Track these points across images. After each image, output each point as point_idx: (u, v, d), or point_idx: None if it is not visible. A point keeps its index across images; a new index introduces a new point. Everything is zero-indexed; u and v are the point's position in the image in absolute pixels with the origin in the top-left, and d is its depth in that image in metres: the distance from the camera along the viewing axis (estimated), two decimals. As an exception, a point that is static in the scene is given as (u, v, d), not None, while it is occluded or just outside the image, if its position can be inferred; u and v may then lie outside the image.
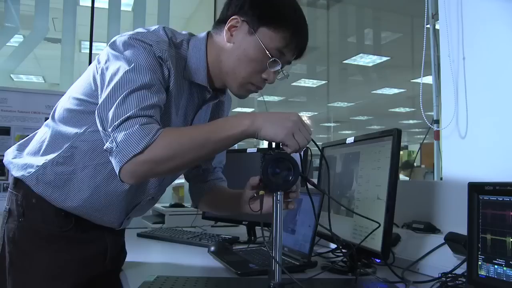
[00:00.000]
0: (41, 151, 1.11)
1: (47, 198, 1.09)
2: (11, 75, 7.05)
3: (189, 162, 0.98)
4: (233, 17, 1.04)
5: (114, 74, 0.96)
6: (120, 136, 0.89)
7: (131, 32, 1.03)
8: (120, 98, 0.92)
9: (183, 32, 1.11)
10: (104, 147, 0.93)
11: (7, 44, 3.34)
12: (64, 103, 1.13)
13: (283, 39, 1.02)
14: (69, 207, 1.10)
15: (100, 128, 0.96)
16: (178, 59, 1.06)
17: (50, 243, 1.11)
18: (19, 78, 8.35)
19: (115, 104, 0.92)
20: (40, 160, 1.10)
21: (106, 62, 1.01)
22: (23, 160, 1.13)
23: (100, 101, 0.97)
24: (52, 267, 1.10)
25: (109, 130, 0.92)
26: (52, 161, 1.08)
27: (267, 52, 1.02)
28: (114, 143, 0.90)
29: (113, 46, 1.01)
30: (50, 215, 1.10)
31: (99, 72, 1.02)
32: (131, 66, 0.95)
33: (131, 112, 0.90)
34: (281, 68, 1.06)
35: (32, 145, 1.16)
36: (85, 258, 1.14)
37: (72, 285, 1.11)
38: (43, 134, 1.14)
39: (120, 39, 1.02)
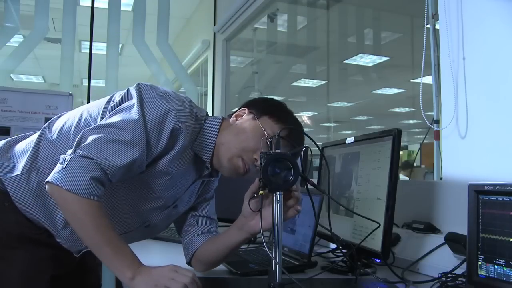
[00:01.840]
0: (31, 157, 1.10)
1: (21, 206, 1.09)
2: (11, 75, 7.05)
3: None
4: (242, 108, 1.18)
5: (121, 111, 1.03)
6: (74, 162, 0.93)
7: (160, 89, 1.08)
8: (106, 136, 0.97)
9: (202, 109, 1.18)
10: (61, 155, 0.97)
11: (7, 44, 3.33)
12: (71, 118, 1.15)
13: (282, 130, 1.08)
14: (43, 221, 1.11)
15: (75, 138, 0.99)
16: (194, 132, 1.11)
17: (23, 244, 1.10)
18: (19, 78, 8.35)
19: (98, 137, 0.96)
20: (26, 165, 1.09)
21: (127, 97, 1.07)
22: (8, 161, 1.12)
23: (98, 122, 1.04)
24: (29, 263, 1.10)
25: (76, 148, 0.95)
26: (38, 169, 1.09)
27: (265, 132, 1.09)
28: (66, 162, 0.93)
29: (138, 88, 1.07)
30: (23, 219, 1.10)
31: (115, 101, 1.09)
32: (137, 117, 1.00)
33: (100, 159, 0.94)
34: None
35: (21, 147, 1.14)
36: (58, 254, 1.15)
37: (51, 277, 1.12)
38: (36, 139, 1.13)
39: (148, 87, 1.08)
